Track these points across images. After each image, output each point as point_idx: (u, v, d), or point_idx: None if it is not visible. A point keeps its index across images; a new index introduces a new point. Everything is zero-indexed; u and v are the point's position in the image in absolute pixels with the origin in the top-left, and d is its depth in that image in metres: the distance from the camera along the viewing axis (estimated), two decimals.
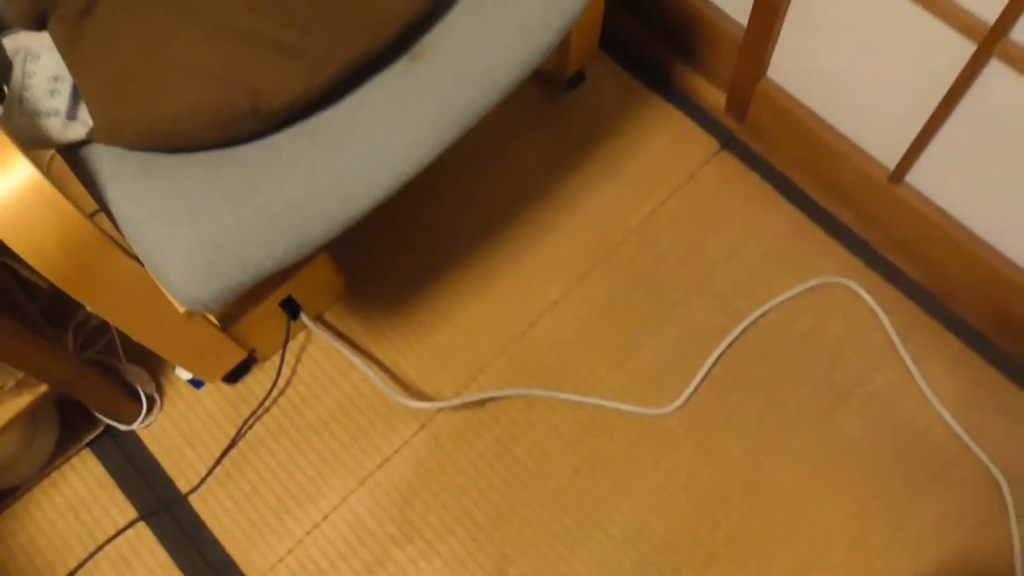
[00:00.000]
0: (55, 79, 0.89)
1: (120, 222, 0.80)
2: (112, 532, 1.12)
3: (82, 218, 0.76)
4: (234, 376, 1.18)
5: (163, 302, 0.90)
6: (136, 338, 0.92)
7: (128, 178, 0.81)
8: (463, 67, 0.85)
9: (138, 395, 1.15)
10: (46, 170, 0.86)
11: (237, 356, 1.12)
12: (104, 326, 1.20)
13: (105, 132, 0.82)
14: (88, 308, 0.85)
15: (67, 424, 1.16)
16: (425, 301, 1.21)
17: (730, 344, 1.16)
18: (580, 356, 1.17)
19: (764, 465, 1.10)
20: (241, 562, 1.09)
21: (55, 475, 1.15)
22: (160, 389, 1.18)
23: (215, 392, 1.18)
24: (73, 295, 0.80)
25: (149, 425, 1.17)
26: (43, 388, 0.98)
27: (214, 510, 1.12)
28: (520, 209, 1.25)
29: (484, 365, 1.16)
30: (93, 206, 1.06)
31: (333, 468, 1.13)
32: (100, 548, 1.11)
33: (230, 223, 0.78)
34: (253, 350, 1.15)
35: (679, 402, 1.13)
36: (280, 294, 1.09)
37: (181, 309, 0.82)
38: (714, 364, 1.15)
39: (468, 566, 1.07)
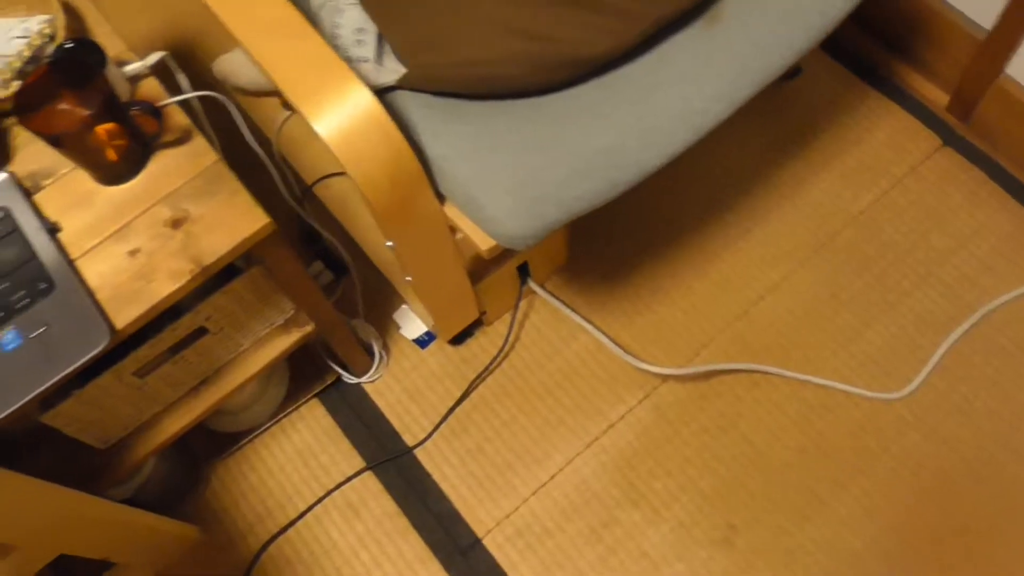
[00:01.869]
0: (360, 30, 0.94)
1: (433, 161, 0.85)
2: (340, 479, 1.16)
3: (409, 151, 0.81)
4: (460, 338, 1.21)
5: (446, 245, 0.94)
6: (416, 278, 0.96)
7: (438, 121, 0.86)
8: (758, 32, 0.88)
9: (371, 350, 1.20)
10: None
11: (472, 315, 1.16)
12: (340, 282, 1.25)
13: (419, 77, 0.87)
14: (387, 242, 0.89)
15: (296, 375, 1.21)
16: (644, 278, 1.23)
17: (961, 335, 1.15)
18: (804, 337, 1.17)
19: (997, 457, 1.09)
20: (467, 516, 1.12)
21: (285, 422, 1.20)
22: (386, 347, 1.23)
23: (439, 353, 1.21)
24: (385, 225, 0.85)
25: (375, 380, 1.21)
26: (309, 328, 1.02)
27: (440, 465, 1.15)
28: (738, 194, 1.27)
29: (707, 341, 1.18)
30: None
31: (557, 431, 1.15)
32: (329, 494, 1.15)
33: (543, 165, 0.81)
34: (484, 312, 1.18)
35: (910, 388, 1.13)
36: (519, 259, 1.13)
37: (482, 250, 0.86)
38: (944, 354, 1.14)
39: (693, 533, 1.08)
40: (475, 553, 1.10)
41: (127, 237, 0.82)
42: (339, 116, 0.78)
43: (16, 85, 0.88)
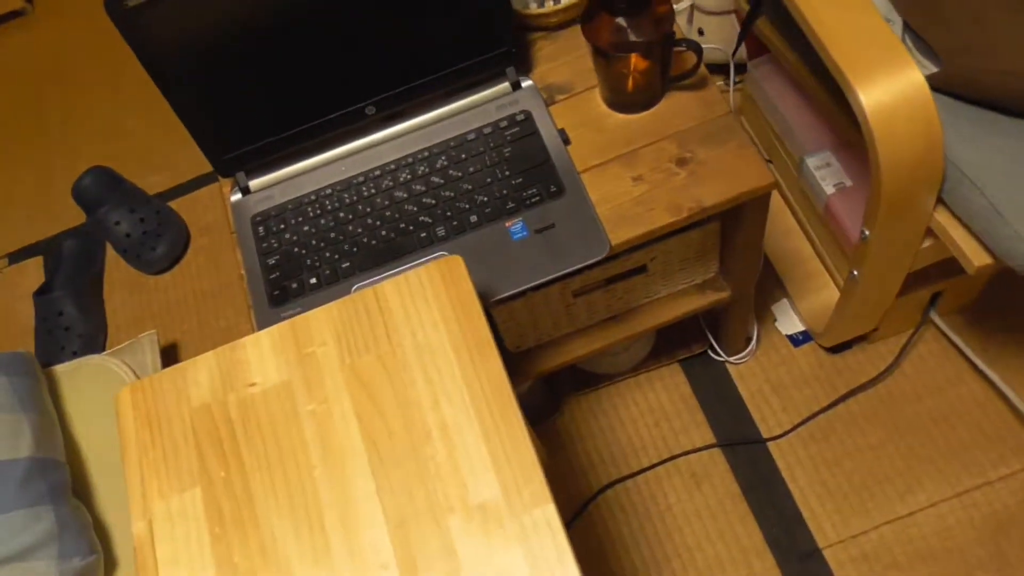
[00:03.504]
0: (887, 20, 0.93)
1: (957, 164, 0.82)
2: (688, 447, 1.17)
3: (942, 146, 0.79)
4: (838, 347, 1.19)
5: (912, 250, 0.92)
6: (862, 275, 0.94)
7: (967, 126, 0.83)
8: None
9: (749, 334, 1.20)
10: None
11: (868, 327, 1.13)
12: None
13: (957, 78, 0.84)
14: (867, 231, 0.88)
15: (663, 335, 1.23)
16: None
17: None
18: None
19: None
20: (811, 523, 1.09)
21: (643, 378, 1.23)
22: (758, 336, 1.22)
23: (811, 355, 1.19)
24: (881, 211, 0.83)
25: (740, 364, 1.21)
26: (724, 295, 1.03)
27: (791, 465, 1.13)
28: None
29: None
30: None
31: (926, 469, 1.10)
32: (675, 457, 1.16)
33: None
34: (876, 328, 1.15)
35: None
36: (939, 286, 1.08)
37: (974, 266, 0.83)
38: None
39: None
40: (813, 562, 1.07)
41: (632, 163, 0.86)
42: (888, 92, 0.77)
43: (550, 5, 0.94)
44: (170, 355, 1.41)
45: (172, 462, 0.65)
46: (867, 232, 0.88)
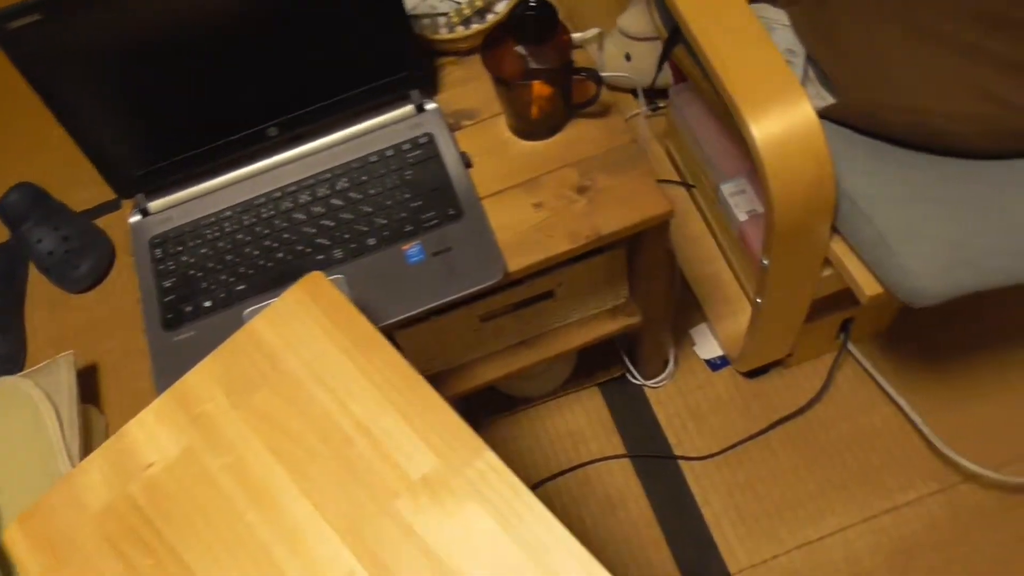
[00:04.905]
0: (789, 51, 0.95)
1: (849, 196, 0.83)
2: (599, 456, 1.16)
3: (833, 178, 0.80)
4: (754, 372, 1.19)
5: (812, 279, 0.93)
6: (765, 303, 0.95)
7: (861, 157, 0.85)
8: None
9: (665, 357, 1.20)
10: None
11: (781, 353, 1.14)
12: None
13: (855, 112, 0.85)
14: (765, 261, 0.88)
15: (582, 359, 1.23)
16: (970, 372, 1.16)
17: None
18: None
19: None
20: (723, 548, 1.10)
21: (562, 401, 1.22)
22: (675, 359, 1.23)
23: (729, 380, 1.20)
24: (777, 243, 0.84)
25: (659, 388, 1.21)
26: (635, 320, 1.04)
27: (704, 486, 1.14)
28: None
29: None
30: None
31: (838, 493, 1.11)
32: (586, 464, 1.16)
33: (976, 230, 0.78)
34: (790, 354, 1.16)
35: None
36: (847, 313, 1.10)
37: (866, 295, 0.84)
38: None
39: None
40: None
41: (534, 190, 0.86)
42: (778, 124, 0.78)
43: (461, 31, 0.94)
44: (89, 376, 1.38)
45: None
46: (765, 261, 0.89)
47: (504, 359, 1.05)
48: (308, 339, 0.66)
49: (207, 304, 0.84)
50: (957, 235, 0.78)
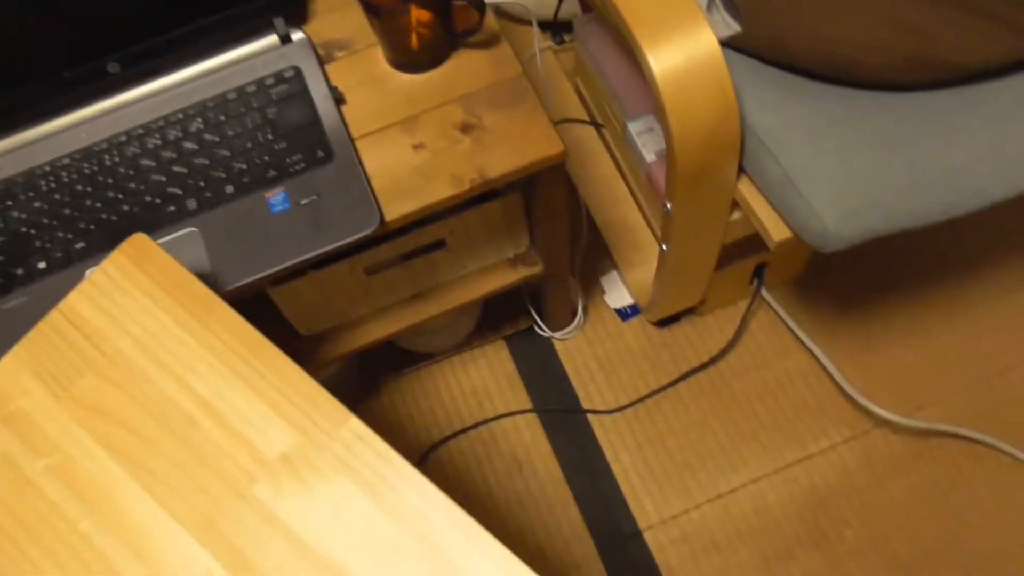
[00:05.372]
0: None
1: (755, 131, 0.77)
2: (504, 411, 1.11)
3: (737, 112, 0.73)
4: (666, 320, 1.14)
5: (720, 223, 0.87)
6: (671, 249, 0.89)
7: (767, 90, 0.78)
8: None
9: (574, 308, 1.14)
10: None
11: (693, 301, 1.08)
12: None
13: (762, 40, 0.78)
14: (668, 204, 0.82)
15: (488, 312, 1.16)
16: (882, 314, 1.13)
17: None
18: None
19: None
20: (633, 504, 1.05)
21: (466, 355, 1.16)
22: (585, 310, 1.17)
23: (639, 330, 1.15)
24: (678, 185, 0.78)
25: (567, 339, 1.15)
26: (537, 270, 0.97)
27: (613, 441, 1.09)
28: (1013, 254, 1.15)
29: (937, 398, 1.07)
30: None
31: (749, 445, 1.07)
32: (490, 420, 1.10)
33: (882, 166, 0.73)
34: (702, 301, 1.11)
35: None
36: (760, 258, 1.05)
37: (774, 240, 0.78)
38: None
39: None
40: (634, 545, 1.03)
41: (414, 129, 0.78)
42: (678, 54, 0.71)
43: None
44: None
45: None
46: (668, 205, 0.82)
47: (397, 314, 0.97)
48: (136, 312, 0.57)
49: (42, 266, 0.73)
50: (867, 174, 0.73)
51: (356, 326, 0.97)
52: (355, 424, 0.54)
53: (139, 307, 0.57)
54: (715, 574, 1.01)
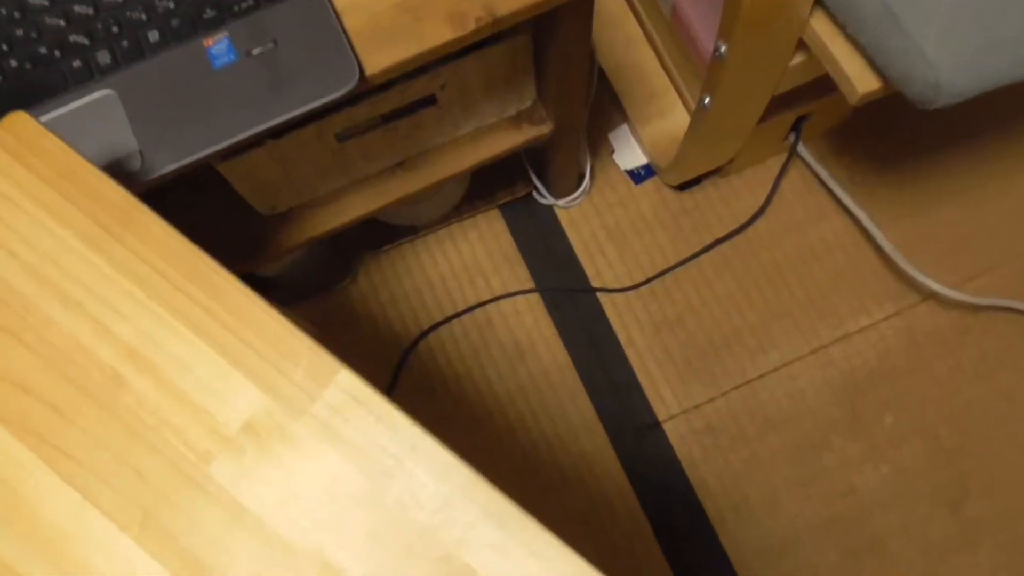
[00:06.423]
0: None
1: None
2: (501, 292, 0.97)
3: None
4: (687, 183, 0.99)
5: (778, 69, 0.70)
6: (715, 101, 0.73)
7: None
8: None
9: (581, 170, 0.98)
10: None
11: (722, 160, 0.93)
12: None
13: None
14: (723, 46, 0.65)
15: (480, 176, 1.00)
16: (931, 172, 0.99)
17: None
18: None
19: None
20: (649, 391, 0.94)
21: (455, 228, 1.00)
22: (592, 173, 1.01)
23: (654, 194, 1.00)
24: (739, 19, 0.60)
25: (571, 207, 1.00)
26: (545, 130, 0.80)
27: (627, 323, 0.96)
28: None
29: (990, 267, 0.95)
30: None
31: (780, 323, 0.95)
32: (487, 303, 0.97)
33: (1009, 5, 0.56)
34: (731, 160, 0.95)
35: None
36: (804, 110, 0.88)
37: (858, 92, 0.62)
38: None
39: (916, 484, 0.90)
40: (652, 437, 0.93)
41: None
42: None
43: None
44: None
45: None
46: (723, 48, 0.65)
47: (378, 187, 0.80)
48: (25, 226, 0.40)
49: None
50: (993, 10, 0.56)
51: (328, 203, 0.80)
52: (345, 378, 0.39)
53: (28, 220, 0.40)
54: (742, 466, 0.91)
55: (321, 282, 0.97)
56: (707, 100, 0.73)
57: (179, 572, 0.37)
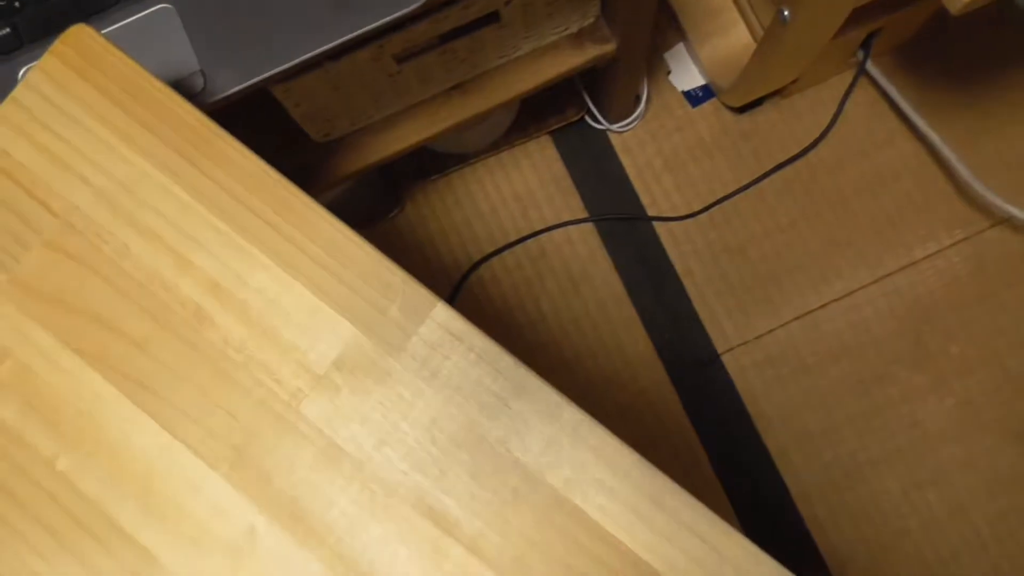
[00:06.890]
0: None
1: None
2: (554, 222, 0.94)
3: None
4: (747, 105, 0.95)
5: None
6: (795, 13, 0.68)
7: None
8: None
9: (637, 92, 0.93)
10: None
11: (787, 79, 0.88)
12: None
13: None
14: None
15: (529, 101, 0.96)
16: (1006, 88, 0.94)
17: None
18: None
19: None
20: (707, 322, 0.92)
21: (504, 156, 0.97)
22: (648, 95, 0.96)
23: (712, 116, 0.95)
24: None
25: (626, 131, 0.96)
26: (609, 48, 0.76)
27: (684, 252, 0.93)
28: None
29: None
30: None
31: (844, 252, 0.92)
32: (539, 232, 0.94)
33: None
34: (795, 80, 0.91)
35: None
36: (877, 24, 0.83)
37: (957, 6, 0.58)
38: None
39: (982, 416, 0.88)
40: (710, 369, 0.91)
41: None
42: None
43: None
44: None
45: None
46: None
47: (431, 113, 0.77)
48: (96, 152, 0.37)
49: None
50: None
51: (381, 130, 0.77)
52: (440, 311, 0.37)
53: (99, 144, 0.37)
54: (803, 398, 0.89)
55: (370, 213, 0.95)
56: (786, 13, 0.68)
57: (273, 513, 0.36)
